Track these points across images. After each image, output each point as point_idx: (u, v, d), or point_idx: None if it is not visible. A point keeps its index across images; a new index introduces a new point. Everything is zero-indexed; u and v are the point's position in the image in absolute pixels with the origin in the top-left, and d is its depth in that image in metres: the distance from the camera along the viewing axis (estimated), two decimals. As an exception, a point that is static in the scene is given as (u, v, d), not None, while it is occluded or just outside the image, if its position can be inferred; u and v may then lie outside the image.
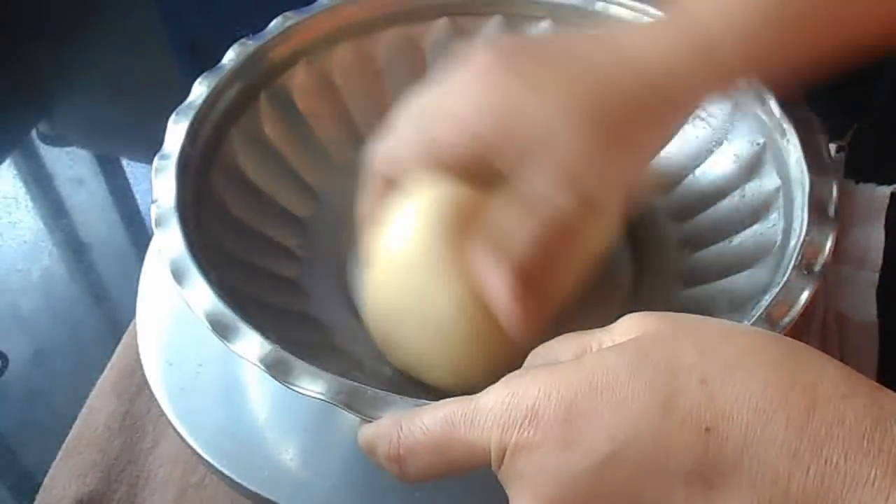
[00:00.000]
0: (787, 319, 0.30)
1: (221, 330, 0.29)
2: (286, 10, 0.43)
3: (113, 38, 0.79)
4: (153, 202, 0.33)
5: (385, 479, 0.34)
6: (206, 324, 0.29)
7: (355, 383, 0.27)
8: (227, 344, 0.28)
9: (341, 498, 0.34)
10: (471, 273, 0.31)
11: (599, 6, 0.42)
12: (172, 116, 0.37)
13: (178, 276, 0.30)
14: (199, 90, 0.38)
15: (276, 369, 0.28)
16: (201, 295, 0.30)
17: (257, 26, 0.42)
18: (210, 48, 0.75)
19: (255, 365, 0.28)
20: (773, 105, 0.37)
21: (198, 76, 0.39)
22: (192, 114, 0.37)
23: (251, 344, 0.28)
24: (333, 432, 0.36)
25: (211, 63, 0.39)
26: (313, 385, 0.27)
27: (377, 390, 0.27)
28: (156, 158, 0.35)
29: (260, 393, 0.37)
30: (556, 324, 0.35)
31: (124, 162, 0.67)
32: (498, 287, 0.29)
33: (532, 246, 0.29)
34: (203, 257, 0.32)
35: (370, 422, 0.26)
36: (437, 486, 0.34)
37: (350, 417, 0.36)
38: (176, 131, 0.36)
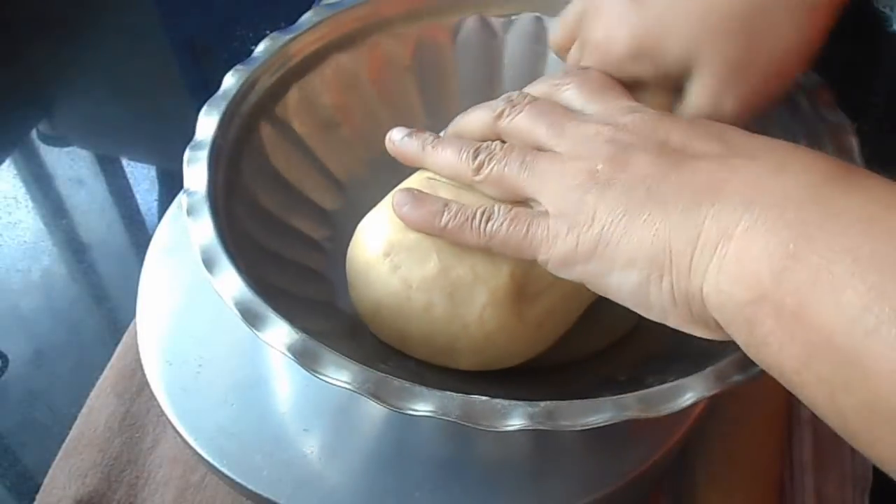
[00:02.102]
0: None
1: (250, 318, 0.29)
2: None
3: (113, 38, 0.79)
4: (184, 191, 0.33)
5: (385, 480, 0.34)
6: (235, 312, 0.29)
7: (381, 373, 0.27)
8: (256, 332, 0.28)
9: (342, 498, 0.34)
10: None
11: None
12: (204, 108, 0.37)
13: (208, 263, 0.30)
14: (231, 81, 0.38)
15: (303, 358, 0.28)
16: (230, 283, 0.30)
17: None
18: (210, 48, 0.75)
19: (283, 353, 0.28)
20: (805, 108, 0.37)
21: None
22: (224, 105, 0.37)
23: (279, 332, 0.28)
24: (334, 432, 0.36)
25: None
26: (340, 374, 0.27)
27: (403, 381, 0.27)
28: (187, 149, 0.35)
29: (260, 393, 0.37)
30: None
31: (124, 162, 0.67)
32: None
33: None
34: (232, 246, 0.32)
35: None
36: (438, 487, 0.34)
37: (350, 418, 0.36)
38: (207, 122, 0.36)
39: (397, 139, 0.33)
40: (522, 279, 0.32)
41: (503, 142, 0.31)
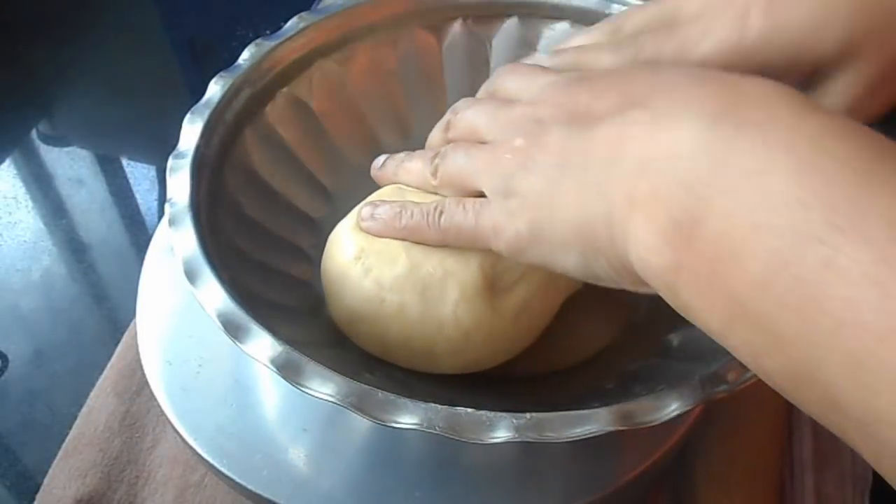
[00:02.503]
0: None
1: (233, 330, 0.28)
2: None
3: (113, 38, 0.79)
4: (167, 201, 0.33)
5: (385, 480, 0.34)
6: (218, 324, 0.29)
7: (366, 386, 0.27)
8: (239, 344, 0.28)
9: (341, 498, 0.34)
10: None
11: (616, 8, 0.42)
12: (188, 116, 0.36)
13: (190, 275, 0.30)
14: (214, 90, 0.38)
15: (286, 371, 0.27)
16: (213, 295, 0.29)
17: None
18: (210, 48, 0.75)
19: (266, 366, 0.28)
20: None
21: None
22: (207, 113, 0.36)
23: (262, 345, 0.28)
24: (334, 432, 0.36)
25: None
26: (323, 387, 0.27)
27: (388, 393, 0.27)
28: (170, 158, 0.35)
29: (260, 393, 0.37)
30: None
31: (124, 162, 0.67)
32: None
33: None
34: (216, 257, 0.31)
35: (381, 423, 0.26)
36: (438, 486, 0.34)
37: (349, 418, 0.36)
38: (191, 131, 0.36)
39: (378, 165, 0.35)
40: (493, 271, 0.32)
41: None
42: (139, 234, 0.61)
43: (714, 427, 0.42)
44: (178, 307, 0.40)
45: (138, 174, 0.66)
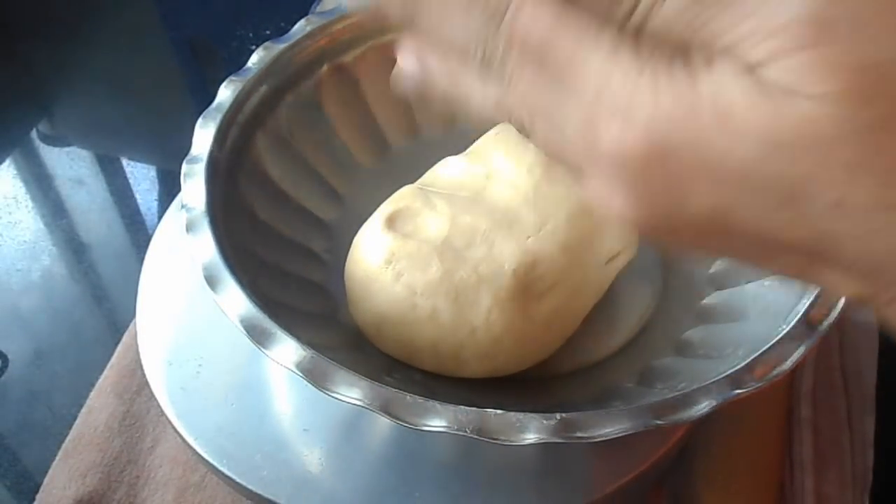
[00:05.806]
0: (826, 323, 0.29)
1: (257, 336, 0.28)
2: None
3: (113, 38, 0.79)
4: (183, 206, 0.33)
5: (386, 480, 0.34)
6: (242, 330, 0.29)
7: (393, 389, 0.27)
8: (263, 350, 0.28)
9: (342, 498, 0.34)
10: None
11: None
12: (199, 120, 0.36)
13: (211, 281, 0.30)
14: (225, 93, 0.37)
15: (312, 375, 0.27)
16: (235, 300, 0.29)
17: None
18: (210, 48, 0.75)
19: (292, 371, 0.27)
20: None
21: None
22: (219, 117, 0.36)
23: (287, 350, 0.28)
24: (334, 432, 0.36)
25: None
26: (350, 392, 0.27)
27: (416, 396, 0.27)
28: (184, 163, 0.35)
29: (260, 393, 0.37)
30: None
31: (124, 162, 0.67)
32: None
33: None
34: (234, 262, 0.31)
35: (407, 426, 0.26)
36: (438, 487, 0.34)
37: (350, 419, 0.36)
38: (203, 135, 0.36)
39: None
40: (526, 278, 0.32)
41: None
42: (139, 234, 0.61)
43: (714, 427, 0.42)
44: (178, 307, 0.40)
45: (138, 174, 0.66)
